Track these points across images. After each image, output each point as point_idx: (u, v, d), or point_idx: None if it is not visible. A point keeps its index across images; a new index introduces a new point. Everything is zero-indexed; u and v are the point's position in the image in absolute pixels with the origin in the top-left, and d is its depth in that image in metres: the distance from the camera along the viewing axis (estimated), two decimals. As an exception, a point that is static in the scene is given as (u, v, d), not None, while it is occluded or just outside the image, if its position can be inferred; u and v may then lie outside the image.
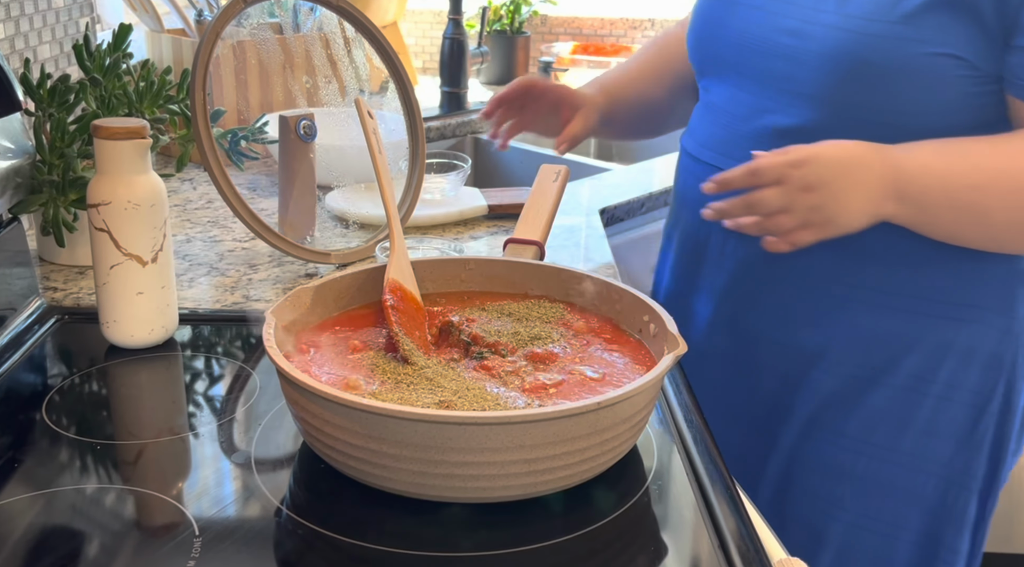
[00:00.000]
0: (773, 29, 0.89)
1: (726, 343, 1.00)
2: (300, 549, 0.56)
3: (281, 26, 1.46)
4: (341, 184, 1.20)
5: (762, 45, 0.90)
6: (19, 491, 0.61)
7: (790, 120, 0.89)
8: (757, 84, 0.92)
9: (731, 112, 0.95)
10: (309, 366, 0.66)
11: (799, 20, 0.88)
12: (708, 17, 0.99)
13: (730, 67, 0.95)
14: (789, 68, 0.88)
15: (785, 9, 0.89)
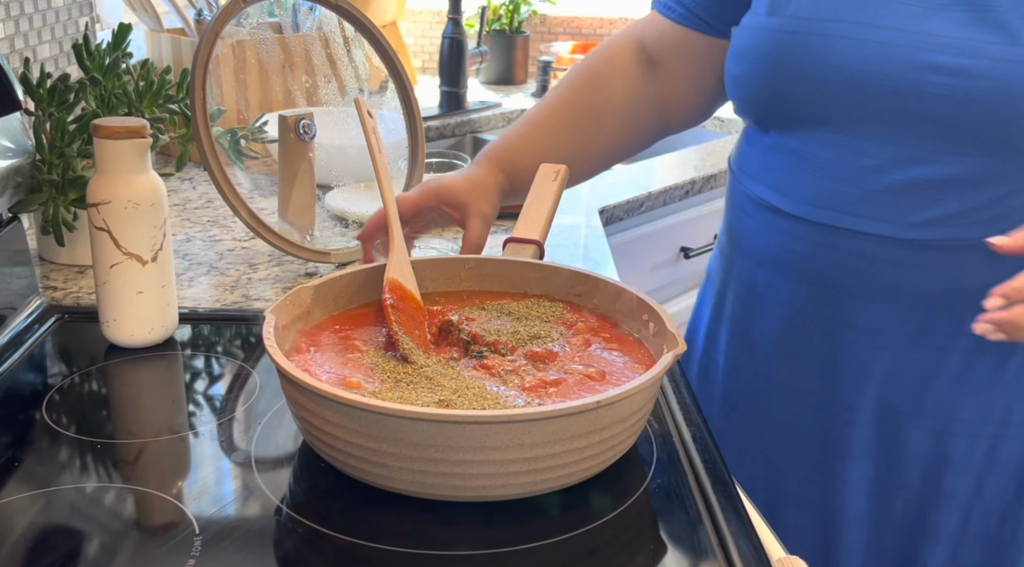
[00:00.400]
0: (912, 66, 0.74)
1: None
2: (300, 548, 0.57)
3: (280, 25, 1.46)
4: (340, 183, 1.20)
5: (899, 86, 0.75)
6: (19, 490, 0.61)
7: (947, 169, 0.76)
8: (892, 131, 0.77)
9: (853, 164, 0.80)
10: (309, 365, 0.66)
11: (952, 55, 0.73)
12: (785, 55, 0.81)
13: (840, 114, 0.80)
14: (946, 111, 0.74)
15: (924, 41, 0.74)
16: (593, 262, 1.08)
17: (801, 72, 0.80)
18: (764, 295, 0.90)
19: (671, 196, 1.55)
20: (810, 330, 0.87)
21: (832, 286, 0.84)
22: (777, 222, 0.87)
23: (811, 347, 0.87)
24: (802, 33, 0.80)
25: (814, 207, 0.83)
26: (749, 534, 0.58)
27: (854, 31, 0.77)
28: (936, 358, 0.83)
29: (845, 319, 0.84)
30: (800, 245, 0.85)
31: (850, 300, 0.83)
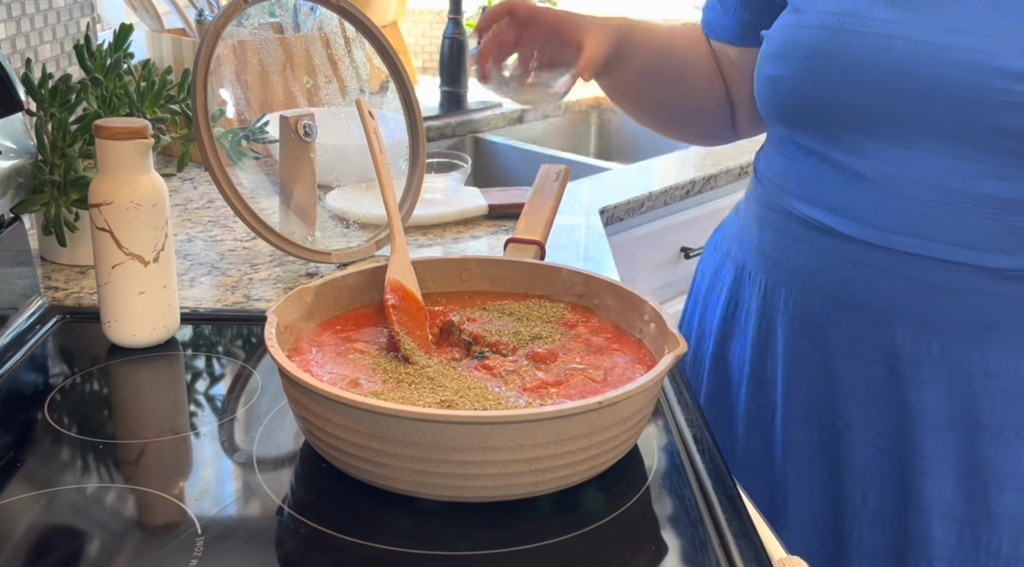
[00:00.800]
0: (987, 73, 0.67)
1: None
2: (302, 548, 0.57)
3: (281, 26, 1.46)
4: (342, 184, 1.20)
5: (968, 93, 0.68)
6: (21, 490, 0.61)
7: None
8: (964, 144, 0.70)
9: (921, 181, 0.72)
10: (310, 365, 0.66)
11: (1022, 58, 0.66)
12: (836, 59, 0.73)
13: (904, 124, 0.72)
14: (1021, 122, 0.68)
15: (997, 46, 0.67)
16: (594, 262, 1.08)
17: (855, 74, 0.72)
18: (824, 328, 0.81)
19: (671, 196, 1.55)
20: (878, 366, 0.78)
21: (902, 320, 0.76)
22: (833, 246, 0.78)
23: (878, 387, 0.79)
24: (856, 32, 0.72)
25: (879, 230, 0.74)
26: (750, 534, 0.59)
27: (914, 32, 0.70)
28: (1020, 404, 0.75)
29: (915, 357, 0.76)
30: (864, 273, 0.76)
31: (923, 337, 0.75)
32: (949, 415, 0.77)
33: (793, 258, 0.82)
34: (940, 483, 0.78)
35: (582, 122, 2.24)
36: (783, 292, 0.84)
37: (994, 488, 0.77)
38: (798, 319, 0.83)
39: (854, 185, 0.76)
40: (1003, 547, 0.78)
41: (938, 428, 0.77)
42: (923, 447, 0.78)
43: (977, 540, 0.78)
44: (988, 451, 0.76)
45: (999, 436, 0.76)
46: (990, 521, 0.77)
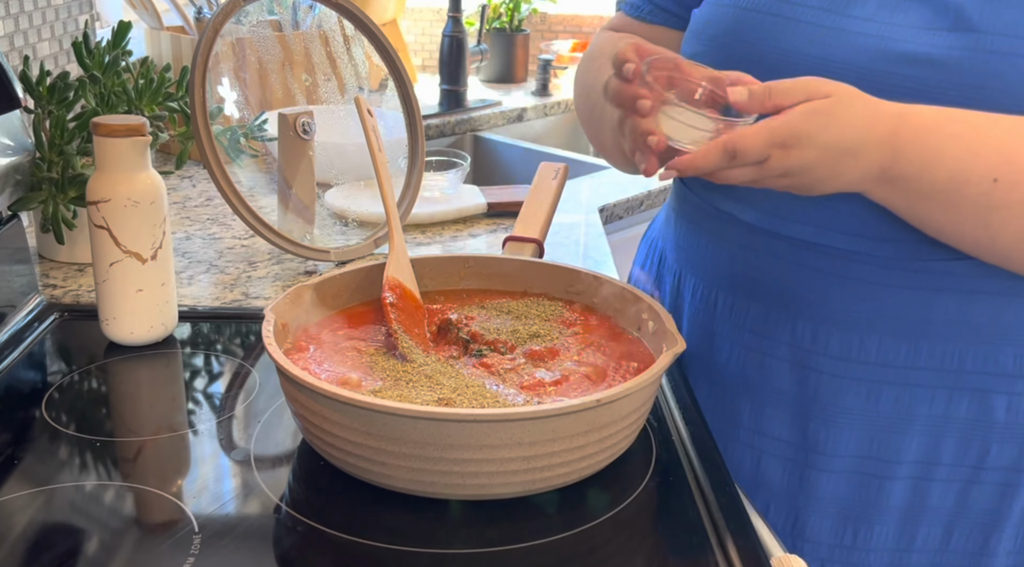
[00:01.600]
0: (881, 56, 0.68)
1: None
2: (299, 546, 0.57)
3: (280, 23, 1.46)
4: (340, 182, 1.20)
5: (866, 77, 0.68)
6: (19, 488, 0.61)
7: None
8: None
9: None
10: (308, 363, 0.66)
11: (923, 45, 0.67)
12: (743, 35, 0.74)
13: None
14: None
15: (890, 32, 0.68)
16: (593, 260, 1.08)
17: (760, 55, 0.72)
18: (727, 320, 0.81)
19: (671, 195, 1.55)
20: (777, 359, 0.78)
21: (800, 310, 0.75)
22: (738, 236, 0.78)
23: (778, 381, 0.79)
24: (766, 13, 0.73)
25: (778, 218, 0.75)
26: (747, 532, 0.58)
27: (822, 17, 0.71)
28: (916, 395, 0.75)
29: (818, 348, 0.76)
30: (765, 262, 0.76)
31: (820, 325, 0.75)
32: (854, 409, 0.77)
33: (701, 248, 0.83)
34: (837, 479, 0.78)
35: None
36: (690, 282, 0.85)
37: (888, 479, 0.77)
38: (702, 311, 0.83)
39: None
40: (889, 540, 0.79)
41: (839, 423, 0.77)
42: (820, 443, 0.78)
43: (869, 539, 0.79)
44: (888, 445, 0.77)
45: (900, 428, 0.76)
46: (882, 515, 0.78)
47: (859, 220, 0.72)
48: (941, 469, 0.77)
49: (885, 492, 0.78)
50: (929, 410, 0.76)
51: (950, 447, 0.76)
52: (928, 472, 0.77)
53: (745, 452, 0.82)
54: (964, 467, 0.77)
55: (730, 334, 0.81)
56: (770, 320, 0.78)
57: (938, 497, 0.78)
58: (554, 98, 2.18)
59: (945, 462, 0.77)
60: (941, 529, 0.79)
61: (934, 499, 0.78)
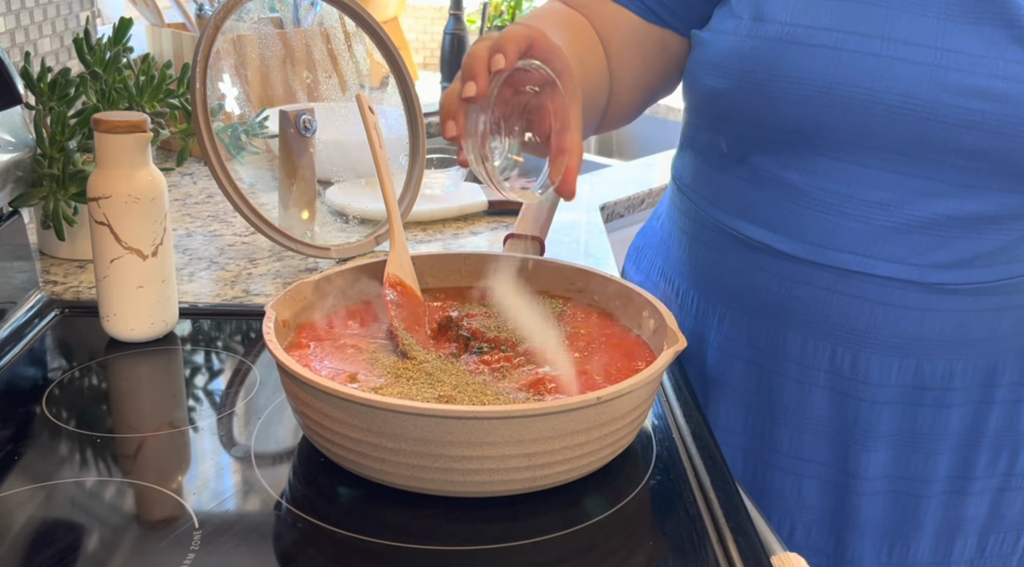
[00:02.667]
0: (942, 88, 0.65)
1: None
2: (300, 542, 0.57)
3: (281, 20, 1.46)
4: (341, 179, 1.20)
5: (921, 109, 0.65)
6: (19, 483, 0.61)
7: (971, 205, 0.68)
8: (910, 161, 0.68)
9: (860, 197, 0.70)
10: (309, 360, 0.66)
11: (984, 77, 0.64)
12: (781, 70, 0.69)
13: (850, 139, 0.69)
14: (974, 140, 0.65)
15: (952, 60, 0.65)
16: (594, 259, 1.08)
17: (800, 90, 0.68)
18: (762, 350, 0.79)
19: (672, 193, 1.55)
20: (816, 387, 0.77)
21: (843, 337, 0.74)
22: (772, 265, 0.75)
23: (816, 408, 0.78)
24: (802, 44, 0.68)
25: (821, 248, 0.72)
26: (748, 531, 0.58)
27: (864, 44, 0.67)
28: (950, 413, 0.75)
29: (857, 375, 0.75)
30: (804, 291, 0.74)
31: (863, 352, 0.74)
32: (889, 431, 0.76)
33: (727, 276, 0.80)
34: (875, 501, 0.78)
35: (582, 119, 2.24)
36: (716, 310, 0.82)
37: (923, 497, 0.77)
38: (731, 339, 0.81)
39: (794, 201, 0.73)
40: (925, 554, 0.79)
41: (876, 446, 0.77)
42: (859, 467, 0.77)
43: (905, 555, 0.79)
44: (921, 463, 0.77)
45: (932, 446, 0.76)
46: (918, 531, 0.78)
47: (901, 247, 0.71)
48: (975, 483, 0.77)
49: (921, 510, 0.78)
50: (960, 426, 0.76)
51: (982, 459, 0.77)
52: (962, 486, 0.77)
53: (785, 478, 0.81)
54: (995, 476, 0.77)
55: (764, 362, 0.79)
56: (808, 347, 0.76)
57: (973, 508, 0.78)
58: (555, 96, 2.18)
59: (978, 475, 0.77)
60: (976, 538, 0.79)
61: (969, 510, 0.78)
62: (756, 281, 0.77)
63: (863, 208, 0.70)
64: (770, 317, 0.78)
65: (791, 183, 0.73)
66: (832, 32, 0.68)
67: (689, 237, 0.84)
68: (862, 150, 0.69)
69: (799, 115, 0.70)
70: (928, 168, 0.68)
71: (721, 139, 0.78)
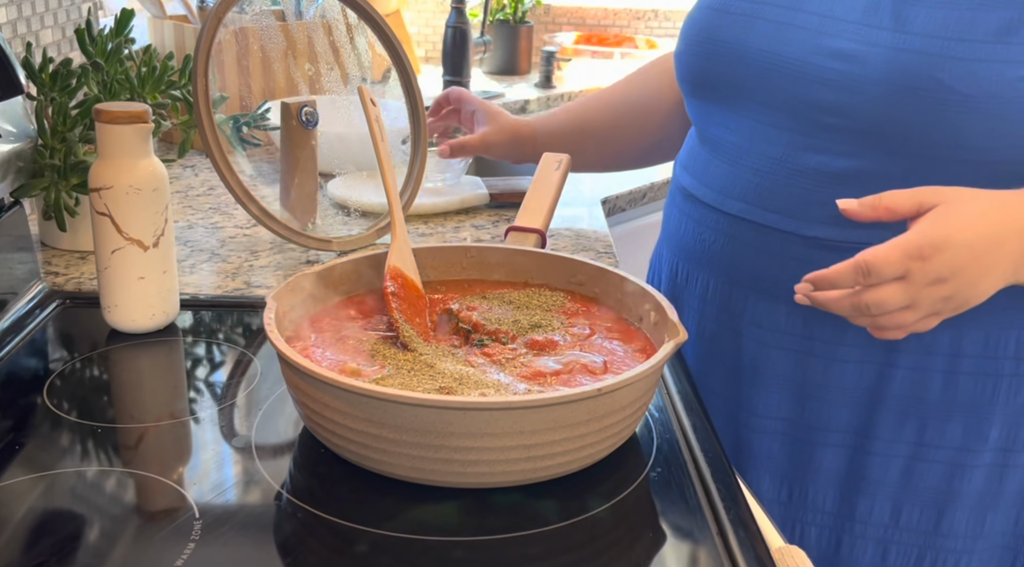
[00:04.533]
0: (814, 50, 0.73)
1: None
2: (300, 533, 0.57)
3: (283, 13, 1.46)
4: (343, 171, 1.19)
5: (800, 70, 0.74)
6: (20, 473, 0.61)
7: (842, 162, 0.74)
8: (793, 117, 0.75)
9: (758, 151, 0.78)
10: (310, 351, 0.66)
11: (849, 40, 0.71)
12: (713, 34, 0.80)
13: (751, 96, 0.78)
14: (838, 98, 0.72)
15: (827, 26, 0.73)
16: (595, 252, 1.08)
17: (724, 52, 0.79)
18: (683, 288, 0.89)
19: (673, 187, 1.55)
20: (720, 327, 0.84)
21: (738, 281, 0.82)
22: (693, 211, 0.86)
23: (719, 345, 0.85)
24: (733, 13, 0.79)
25: (724, 196, 0.81)
26: (748, 523, 0.59)
27: (777, 14, 0.77)
28: (843, 368, 0.78)
29: (750, 318, 0.81)
30: (710, 235, 0.83)
31: (755, 297, 0.81)
32: (782, 375, 0.81)
33: (671, 223, 0.91)
34: (770, 440, 0.83)
35: (584, 113, 2.23)
36: (664, 254, 0.94)
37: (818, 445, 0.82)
38: (669, 279, 0.92)
39: (715, 156, 0.83)
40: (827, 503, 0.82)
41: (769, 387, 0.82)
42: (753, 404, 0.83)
43: (804, 498, 0.83)
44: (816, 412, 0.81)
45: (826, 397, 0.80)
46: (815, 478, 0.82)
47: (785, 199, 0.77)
48: (877, 442, 0.80)
49: (817, 457, 0.82)
50: (858, 382, 0.79)
51: (884, 420, 0.79)
52: (862, 444, 0.80)
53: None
54: (903, 443, 0.79)
55: (682, 299, 0.88)
56: (710, 288, 0.85)
57: (878, 469, 0.80)
58: (557, 90, 2.17)
59: (879, 436, 0.80)
60: (889, 504, 0.81)
61: (874, 471, 0.81)
62: (684, 227, 0.88)
63: (757, 160, 0.79)
64: (688, 258, 0.88)
65: (714, 137, 0.83)
66: (757, 4, 0.78)
67: (671, 199, 0.94)
68: (760, 108, 0.78)
69: (723, 76, 0.80)
70: (805, 126, 0.75)
71: (687, 102, 0.89)
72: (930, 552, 0.80)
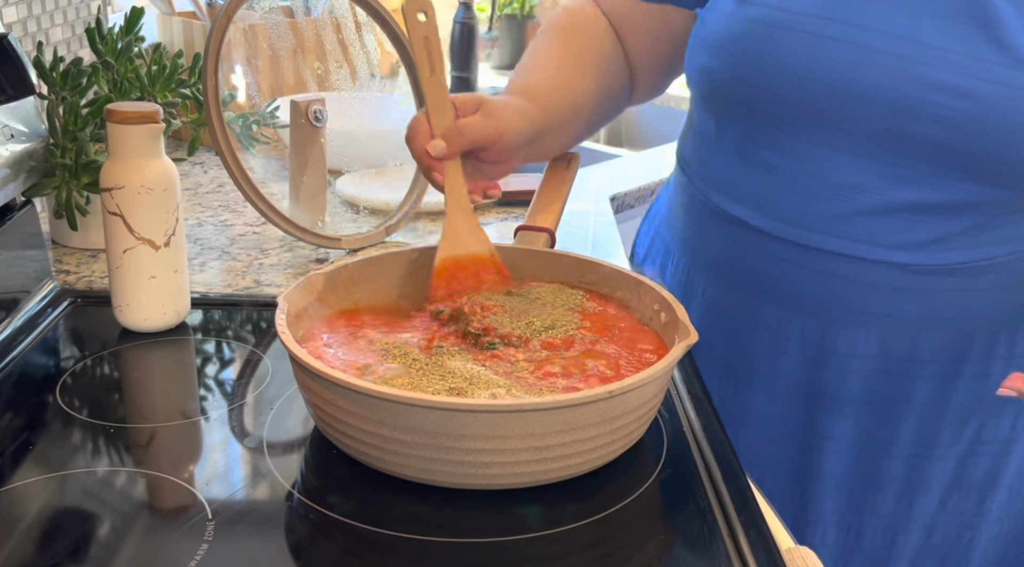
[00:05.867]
0: (909, 80, 0.67)
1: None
2: (311, 533, 0.57)
3: (292, 10, 1.46)
4: (352, 169, 1.20)
5: (894, 101, 0.68)
6: (32, 473, 0.61)
7: (936, 195, 0.71)
8: (880, 148, 0.71)
9: (833, 181, 0.73)
10: (321, 351, 0.66)
11: (955, 72, 0.66)
12: (770, 53, 0.72)
13: (821, 123, 0.72)
14: (944, 135, 0.67)
15: (921, 53, 0.67)
16: (604, 250, 1.08)
17: (782, 74, 0.71)
18: (739, 320, 0.83)
19: (682, 184, 1.54)
20: (788, 357, 0.82)
21: (813, 311, 0.79)
22: (751, 241, 0.79)
23: (787, 373, 0.83)
24: (787, 28, 0.71)
25: (794, 227, 0.76)
26: (759, 524, 0.58)
27: (844, 32, 0.69)
28: (914, 384, 0.80)
29: (826, 345, 0.80)
30: (779, 268, 0.78)
31: (832, 325, 0.79)
32: (855, 399, 0.81)
33: (712, 248, 0.85)
34: (837, 459, 0.83)
35: (592, 108, 2.23)
36: (700, 280, 0.87)
37: (884, 458, 0.82)
38: (712, 308, 0.86)
39: (773, 182, 0.76)
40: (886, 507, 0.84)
41: (842, 412, 0.82)
42: (826, 430, 0.83)
43: (864, 504, 0.84)
44: (884, 428, 0.81)
45: (896, 413, 0.81)
46: (877, 487, 0.83)
47: (870, 229, 0.74)
48: (938, 449, 0.82)
49: (882, 468, 0.83)
50: (925, 397, 0.80)
51: (946, 430, 0.81)
52: (926, 452, 0.82)
53: (757, 435, 0.86)
54: (960, 444, 0.81)
55: (739, 332, 0.84)
56: (781, 319, 0.81)
57: (937, 472, 0.82)
58: (565, 86, 2.17)
59: (941, 442, 0.81)
60: (938, 495, 0.83)
61: (933, 473, 0.82)
62: (736, 255, 0.82)
63: (835, 191, 0.73)
64: (746, 289, 0.82)
65: (771, 164, 0.76)
66: (816, 19, 0.70)
67: (685, 210, 0.89)
68: (837, 136, 0.72)
69: (780, 99, 0.73)
70: (897, 157, 0.70)
71: (712, 117, 0.82)
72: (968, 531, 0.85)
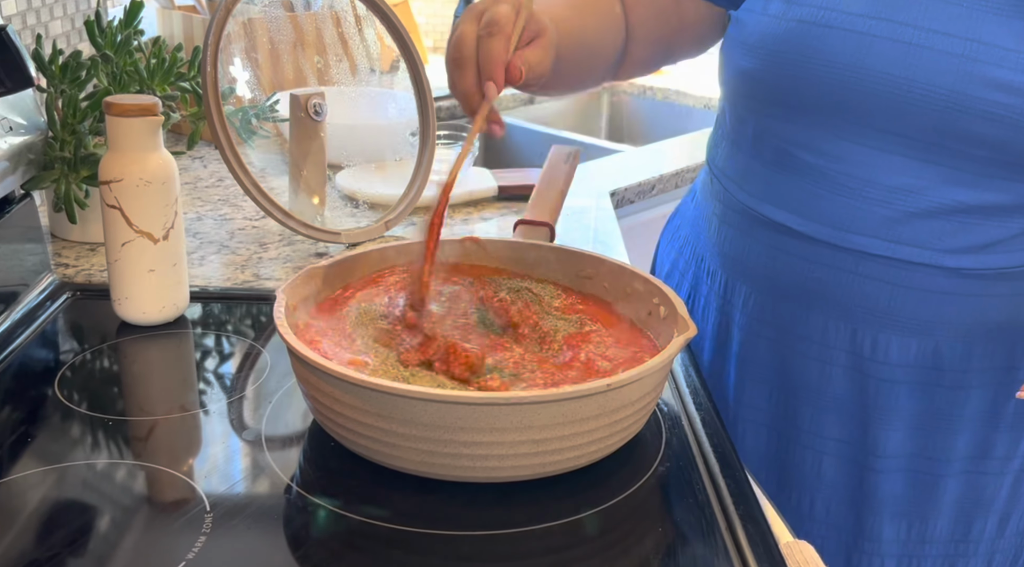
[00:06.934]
0: (966, 79, 0.65)
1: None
2: (310, 526, 0.57)
3: (292, 4, 1.45)
4: (351, 163, 1.19)
5: (948, 99, 0.66)
6: (31, 465, 0.61)
7: (991, 196, 0.69)
8: (932, 148, 0.68)
9: (882, 183, 0.71)
10: (320, 345, 0.66)
11: (1014, 70, 0.64)
12: (814, 53, 0.69)
13: (871, 123, 0.70)
14: (1002, 133, 0.66)
15: (978, 52, 0.65)
16: (604, 245, 1.08)
17: (830, 73, 0.69)
18: (785, 330, 0.80)
19: (682, 179, 1.54)
20: (836, 366, 0.78)
21: (863, 318, 0.75)
22: (796, 247, 0.76)
23: (836, 387, 0.79)
24: (835, 28, 0.69)
25: (843, 231, 0.73)
26: (757, 518, 0.59)
27: (895, 31, 0.67)
28: (968, 395, 0.76)
29: (876, 355, 0.76)
30: (826, 274, 0.75)
31: (882, 333, 0.75)
32: (907, 411, 0.78)
33: (753, 257, 0.81)
34: (893, 479, 0.79)
35: (593, 103, 2.23)
36: (742, 291, 0.83)
37: (941, 476, 0.79)
38: (756, 319, 0.82)
39: (818, 185, 0.74)
40: (943, 532, 0.80)
41: (894, 425, 0.78)
42: (878, 445, 0.79)
43: (923, 532, 0.80)
44: (939, 443, 0.78)
45: (950, 427, 0.77)
46: (936, 510, 0.79)
47: (921, 232, 0.72)
48: (994, 463, 0.78)
49: (940, 489, 0.79)
50: (979, 407, 0.77)
51: (1001, 440, 0.77)
52: (981, 466, 0.78)
53: (806, 454, 0.82)
54: (1017, 457, 0.78)
55: (787, 342, 0.80)
56: (829, 328, 0.78)
57: (992, 488, 0.79)
58: (566, 81, 2.16)
59: (997, 455, 0.78)
60: (997, 517, 0.80)
61: (988, 491, 0.79)
62: (780, 263, 0.78)
63: (885, 193, 0.71)
64: (793, 298, 0.79)
65: (816, 167, 0.74)
66: (865, 18, 0.69)
67: (719, 219, 0.85)
68: (887, 136, 0.69)
69: (827, 99, 0.70)
70: (950, 157, 0.68)
71: (751, 121, 0.79)
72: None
